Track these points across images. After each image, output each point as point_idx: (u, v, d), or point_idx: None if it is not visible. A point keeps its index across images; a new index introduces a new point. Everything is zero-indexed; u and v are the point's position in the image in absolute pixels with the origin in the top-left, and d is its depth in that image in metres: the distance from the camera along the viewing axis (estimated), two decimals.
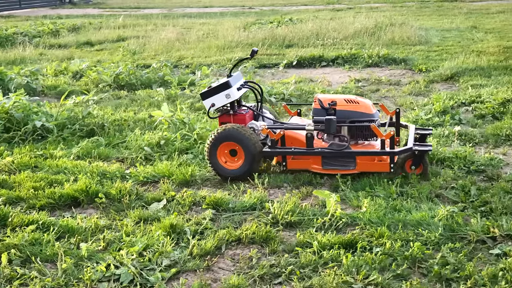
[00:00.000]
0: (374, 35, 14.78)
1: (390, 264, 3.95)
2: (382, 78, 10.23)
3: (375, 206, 4.80)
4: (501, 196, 4.90)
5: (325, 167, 5.60)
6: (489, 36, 14.60)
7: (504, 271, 3.77)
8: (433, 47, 13.31)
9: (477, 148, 6.37)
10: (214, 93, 5.88)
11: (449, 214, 4.57)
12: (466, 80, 9.61)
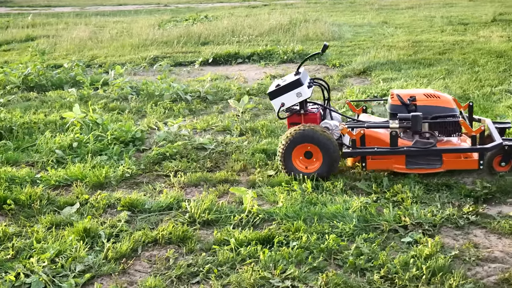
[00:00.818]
0: (289, 32, 14.95)
1: (306, 257, 3.99)
2: None
3: (291, 201, 4.84)
4: (412, 186, 5.05)
5: (409, 166, 5.31)
6: (399, 31, 15.07)
7: (415, 258, 3.89)
8: (346, 43, 13.60)
9: None
10: (284, 92, 5.53)
11: (362, 206, 4.67)
12: (378, 74, 9.87)
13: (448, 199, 4.87)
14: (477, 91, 8.34)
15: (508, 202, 4.82)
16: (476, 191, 4.92)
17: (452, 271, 3.74)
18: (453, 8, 20.87)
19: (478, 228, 4.42)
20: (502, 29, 14.34)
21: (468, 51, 11.53)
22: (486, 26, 15.15)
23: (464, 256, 3.97)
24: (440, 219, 4.47)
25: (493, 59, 10.57)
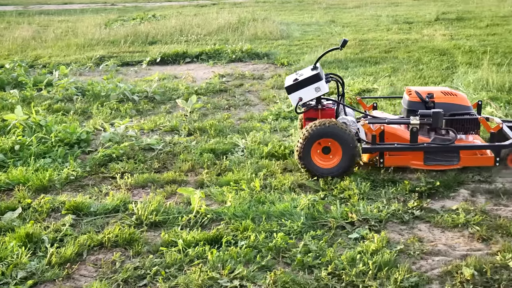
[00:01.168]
0: (238, 31, 14.96)
1: (255, 256, 3.98)
2: (245, 72, 10.36)
3: (239, 200, 4.82)
4: (358, 183, 5.11)
5: (428, 162, 5.33)
6: (346, 30, 15.26)
7: (362, 254, 3.93)
8: (294, 41, 13.69)
9: None
10: (302, 87, 5.43)
11: (310, 203, 4.69)
12: (325, 72, 9.93)
13: (393, 194, 4.95)
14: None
15: (451, 196, 4.93)
16: (421, 187, 5.01)
17: (398, 265, 3.79)
18: (398, 7, 21.25)
19: (422, 222, 4.50)
20: (445, 28, 14.68)
21: (413, 49, 11.76)
22: (430, 25, 15.49)
23: (409, 250, 4.04)
24: (386, 215, 4.53)
25: (437, 57, 10.81)
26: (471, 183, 5.18)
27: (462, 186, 5.13)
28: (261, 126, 7.01)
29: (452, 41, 12.59)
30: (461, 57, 10.58)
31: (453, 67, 9.93)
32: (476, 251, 4.00)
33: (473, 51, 11.13)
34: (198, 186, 5.32)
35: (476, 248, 4.07)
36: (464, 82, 8.52)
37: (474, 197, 4.91)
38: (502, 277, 3.64)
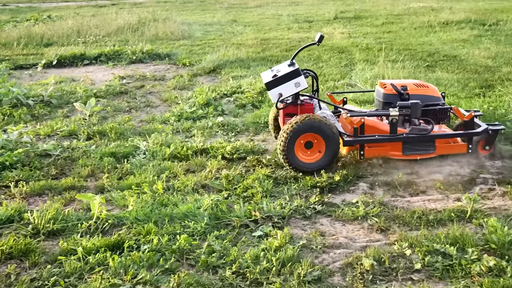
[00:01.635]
0: (138, 31, 14.71)
1: (158, 260, 3.91)
2: (147, 74, 10.19)
3: (141, 204, 4.73)
4: (261, 181, 5.14)
5: (406, 152, 5.46)
6: (248, 29, 15.37)
7: (265, 251, 3.95)
8: (196, 41, 13.63)
9: (239, 136, 6.62)
10: (282, 82, 5.42)
11: (214, 203, 4.67)
12: (228, 72, 9.99)
13: (296, 191, 5.01)
14: (321, 85, 8.67)
15: (351, 190, 5.06)
16: (322, 182, 5.11)
17: (301, 260, 3.85)
18: (298, 6, 21.66)
19: (324, 217, 4.58)
20: (343, 26, 15.11)
21: (313, 48, 12.00)
22: (329, 23, 15.89)
23: (312, 244, 4.10)
24: (289, 211, 4.59)
25: (336, 55, 11.10)
26: (369, 177, 5.33)
27: (361, 179, 5.28)
28: (163, 127, 6.92)
29: (350, 39, 12.97)
30: (358, 54, 10.91)
31: (352, 64, 10.22)
32: (375, 242, 4.12)
33: (370, 49, 11.50)
34: (99, 191, 5.16)
35: (375, 239, 4.19)
36: (361, 78, 8.78)
37: (372, 190, 5.06)
38: (399, 265, 3.77)
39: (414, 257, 3.87)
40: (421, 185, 5.11)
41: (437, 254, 3.86)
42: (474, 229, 4.25)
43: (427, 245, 3.96)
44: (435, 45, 11.72)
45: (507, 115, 6.69)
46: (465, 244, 3.96)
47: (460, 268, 3.70)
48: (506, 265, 3.66)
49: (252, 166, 5.62)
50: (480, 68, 9.59)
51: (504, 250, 3.88)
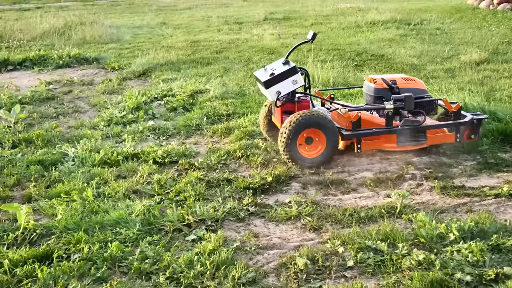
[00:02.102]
0: (64, 35, 14.33)
1: (89, 269, 3.82)
2: (74, 78, 9.95)
3: (71, 212, 4.59)
4: (194, 184, 5.10)
5: (400, 144, 5.61)
6: (178, 32, 15.25)
7: (199, 255, 3.92)
8: (125, 45, 13.42)
9: (171, 140, 6.55)
10: (280, 80, 5.49)
11: (146, 209, 4.59)
12: (158, 75, 9.87)
13: (229, 193, 5.00)
14: (252, 86, 8.71)
15: (284, 190, 5.08)
16: (255, 183, 5.11)
17: (235, 262, 3.83)
18: (228, 8, 21.69)
19: (257, 218, 4.59)
20: (273, 27, 15.21)
21: (243, 49, 12.03)
22: (259, 25, 15.96)
23: (246, 246, 4.09)
24: (222, 214, 4.57)
25: (266, 56, 11.16)
26: (302, 176, 5.38)
27: (294, 179, 5.31)
28: (92, 133, 6.76)
29: (280, 40, 13.07)
30: None
31: None
32: (308, 241, 4.16)
33: (299, 49, 11.61)
34: (25, 200, 5.00)
35: (308, 238, 4.22)
36: None
37: (305, 189, 5.11)
38: (332, 263, 3.82)
39: (347, 255, 3.92)
40: (352, 183, 5.20)
41: (368, 250, 3.93)
42: (404, 225, 4.35)
43: (359, 242, 4.02)
44: (363, 45, 11.97)
45: None
46: (396, 240, 4.04)
47: (391, 263, 3.78)
48: (434, 258, 3.76)
49: (184, 170, 5.58)
50: (406, 66, 9.86)
51: (432, 243, 3.98)
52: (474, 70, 9.30)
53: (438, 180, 5.13)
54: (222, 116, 7.25)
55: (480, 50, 10.73)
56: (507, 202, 4.67)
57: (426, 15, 16.05)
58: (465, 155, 5.76)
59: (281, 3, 22.78)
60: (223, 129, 6.71)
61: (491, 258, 3.76)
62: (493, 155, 5.67)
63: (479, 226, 4.13)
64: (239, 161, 5.78)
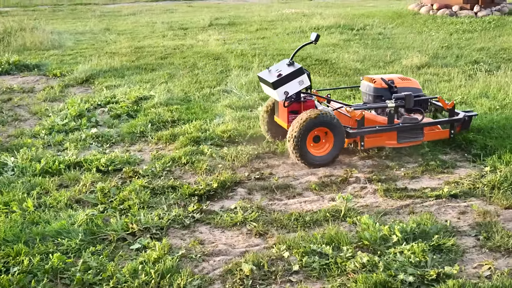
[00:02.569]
0: (3, 41, 13.92)
1: (29, 281, 3.71)
2: (14, 86, 9.68)
3: (10, 224, 4.46)
4: (138, 192, 5.03)
5: (400, 141, 5.84)
6: (122, 38, 15.05)
7: (144, 264, 3.86)
8: (68, 51, 13.15)
9: (115, 147, 6.45)
10: (287, 81, 5.63)
11: (89, 218, 4.50)
12: (101, 82, 9.71)
13: (174, 200, 4.95)
14: (197, 92, 8.67)
15: (229, 196, 5.07)
16: (200, 190, 5.07)
17: (180, 270, 3.79)
18: (173, 14, 21.56)
19: (203, 225, 4.56)
20: (218, 33, 15.20)
21: (188, 55, 11.97)
22: (204, 30, 15.92)
23: (191, 254, 4.06)
24: (167, 221, 4.52)
25: (211, 62, 11.13)
26: (247, 182, 5.37)
27: (239, 185, 5.30)
28: (33, 142, 6.59)
29: (225, 45, 13.06)
30: (233, 60, 11.01)
31: (227, 70, 10.28)
32: (254, 247, 4.15)
33: (245, 55, 11.65)
34: None
35: (254, 243, 4.22)
36: (237, 84, 8.86)
37: (251, 195, 5.10)
38: (278, 268, 3.82)
39: (292, 259, 3.93)
40: (297, 188, 5.22)
41: (314, 254, 3.95)
42: (349, 228, 4.40)
43: (304, 246, 4.04)
44: (307, 50, 12.07)
45: None
46: (340, 243, 4.08)
47: (336, 266, 3.81)
48: (378, 260, 3.81)
49: (128, 178, 5.49)
50: (350, 71, 10.00)
51: (376, 245, 4.04)
52: (415, 74, 9.51)
53: (382, 183, 5.21)
54: (167, 122, 7.18)
55: (421, 55, 10.98)
56: (448, 203, 4.78)
57: (369, 20, 16.34)
58: (408, 157, 5.87)
59: (226, 8, 22.81)
60: (168, 135, 6.65)
61: (433, 258, 3.84)
62: (434, 157, 5.80)
63: (420, 227, 4.22)
64: (184, 168, 5.74)
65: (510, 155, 5.57)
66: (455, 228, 4.31)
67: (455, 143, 6.10)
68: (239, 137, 6.48)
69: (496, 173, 5.23)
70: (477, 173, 5.35)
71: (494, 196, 4.82)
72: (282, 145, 6.15)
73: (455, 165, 5.64)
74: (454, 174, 5.41)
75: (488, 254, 3.96)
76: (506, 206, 4.65)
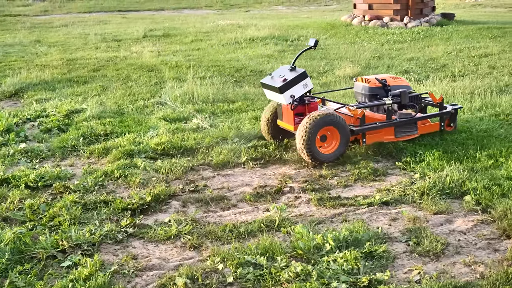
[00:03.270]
0: None
1: None
2: None
3: None
4: (69, 208, 4.90)
5: (398, 135, 6.29)
6: (53, 50, 14.71)
7: (74, 281, 3.76)
8: None
9: (45, 162, 6.27)
10: (293, 85, 5.99)
11: (16, 236, 4.35)
12: (31, 95, 9.46)
13: (106, 215, 4.85)
14: (131, 105, 8.56)
15: (163, 210, 5.00)
16: (133, 204, 4.99)
17: (112, 287, 3.71)
18: (107, 25, 21.23)
19: (136, 239, 4.48)
20: (153, 44, 15.06)
21: (122, 67, 11.81)
22: (138, 42, 15.74)
23: (124, 269, 3.98)
24: (99, 237, 4.42)
25: (145, 73, 11.02)
26: (182, 194, 5.33)
27: (174, 198, 5.25)
28: None
29: (160, 57, 12.96)
30: (168, 72, 10.93)
31: (161, 82, 10.20)
32: (188, 260, 4.11)
33: (179, 66, 11.59)
34: None
35: (188, 256, 4.18)
36: (171, 96, 8.79)
37: (185, 208, 5.06)
38: (212, 281, 3.79)
39: (227, 271, 3.91)
40: (232, 199, 5.21)
41: (248, 265, 3.94)
42: (283, 237, 4.41)
43: (239, 257, 4.03)
44: (242, 61, 12.13)
45: None
46: (275, 253, 4.09)
47: (270, 277, 3.81)
48: (311, 269, 3.83)
49: (59, 193, 5.35)
50: None
51: (310, 254, 4.07)
52: (348, 84, 9.68)
53: (315, 192, 5.26)
54: (99, 136, 7.05)
55: (354, 65, 11.21)
56: (379, 210, 4.87)
57: (303, 31, 16.56)
58: (341, 166, 5.95)
59: (161, 20, 22.65)
60: (100, 149, 6.52)
61: (365, 265, 3.90)
62: (366, 165, 5.90)
63: (353, 235, 4.27)
64: (117, 182, 5.64)
65: (438, 161, 5.74)
66: (386, 235, 4.40)
67: (386, 151, 6.23)
68: (173, 150, 6.41)
69: (425, 180, 5.37)
70: (407, 180, 5.47)
71: (424, 202, 4.93)
72: (217, 156, 6.13)
73: (387, 172, 5.75)
74: (386, 181, 5.52)
75: (418, 259, 4.05)
76: (435, 212, 4.77)
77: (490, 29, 16.03)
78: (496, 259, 4.01)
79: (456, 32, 15.58)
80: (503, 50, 12.79)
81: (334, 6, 29.44)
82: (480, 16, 20.52)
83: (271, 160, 6.16)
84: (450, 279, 3.74)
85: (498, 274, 3.75)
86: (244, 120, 7.49)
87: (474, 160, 5.82)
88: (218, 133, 6.84)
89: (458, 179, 5.26)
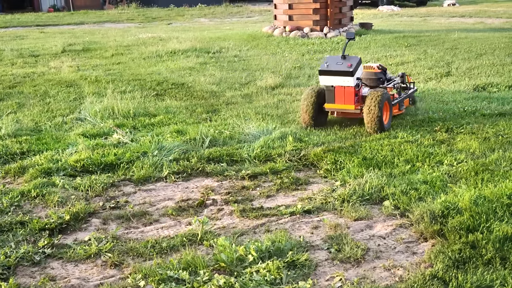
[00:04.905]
0: None
1: None
2: None
3: None
4: None
5: (401, 108, 7.86)
6: None
7: None
8: None
9: None
10: (357, 69, 7.20)
11: None
12: None
13: (22, 236, 4.67)
14: (49, 122, 8.32)
15: (83, 228, 4.88)
16: (51, 223, 4.84)
17: None
18: (24, 40, 20.60)
19: (55, 260, 4.34)
20: (72, 59, 14.72)
21: (40, 83, 11.47)
22: (56, 57, 15.35)
23: None
24: (15, 259, 4.26)
25: (64, 89, 10.74)
26: (102, 211, 5.21)
27: (94, 215, 5.13)
28: None
29: (79, 72, 12.68)
30: (87, 87, 10.70)
31: (81, 97, 9.97)
32: (109, 278, 4.02)
33: (99, 81, 11.37)
34: None
35: (109, 275, 4.09)
36: (91, 111, 8.60)
37: (106, 225, 4.95)
38: None
39: None
40: (154, 214, 5.15)
41: (170, 281, 3.90)
42: (206, 251, 4.39)
43: (161, 273, 3.97)
44: (163, 74, 12.04)
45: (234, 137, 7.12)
46: (197, 267, 4.06)
47: None
48: (234, 281, 3.83)
49: None
50: (206, 93, 10.09)
51: (232, 267, 4.06)
52: (269, 95, 9.79)
53: (238, 204, 5.27)
54: (15, 155, 6.80)
55: (275, 75, 11.33)
56: (301, 218, 4.93)
57: (224, 43, 16.63)
58: (263, 176, 5.98)
59: (81, 34, 22.18)
60: (16, 168, 6.29)
61: (287, 274, 3.93)
62: (288, 174, 5.97)
63: (275, 245, 4.30)
64: (35, 201, 5.45)
65: (358, 168, 5.87)
66: (308, 243, 4.45)
67: (308, 160, 6.32)
68: (93, 166, 6.26)
69: (345, 187, 5.48)
70: (328, 188, 5.57)
71: (344, 209, 5.03)
72: (138, 171, 6.04)
73: (309, 181, 5.83)
74: (308, 190, 5.60)
75: (339, 266, 4.12)
76: (355, 218, 4.88)
77: (406, 37, 16.64)
78: (414, 262, 4.14)
79: (374, 41, 16.06)
80: (418, 58, 13.27)
81: (256, 17, 29.71)
82: (396, 25, 21.24)
83: (194, 173, 6.13)
84: (370, 283, 3.83)
85: (416, 277, 3.86)
86: (166, 133, 7.42)
87: (392, 165, 5.99)
88: (139, 148, 6.74)
89: (377, 185, 5.40)
